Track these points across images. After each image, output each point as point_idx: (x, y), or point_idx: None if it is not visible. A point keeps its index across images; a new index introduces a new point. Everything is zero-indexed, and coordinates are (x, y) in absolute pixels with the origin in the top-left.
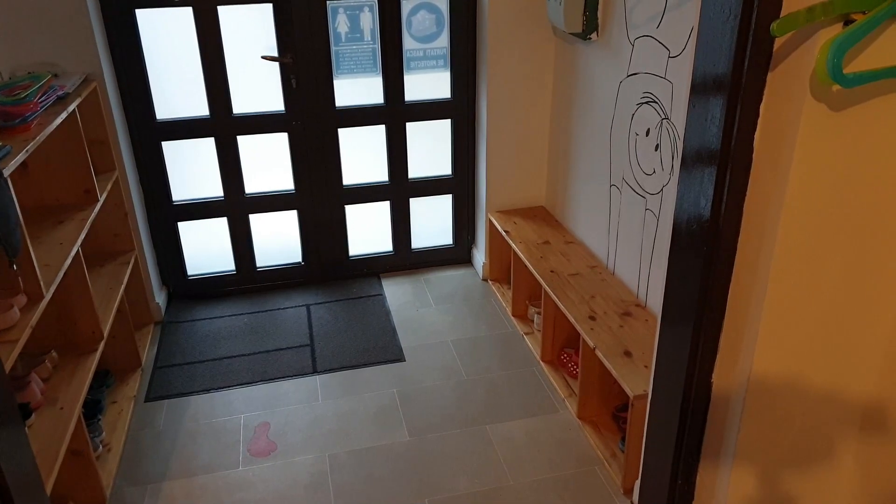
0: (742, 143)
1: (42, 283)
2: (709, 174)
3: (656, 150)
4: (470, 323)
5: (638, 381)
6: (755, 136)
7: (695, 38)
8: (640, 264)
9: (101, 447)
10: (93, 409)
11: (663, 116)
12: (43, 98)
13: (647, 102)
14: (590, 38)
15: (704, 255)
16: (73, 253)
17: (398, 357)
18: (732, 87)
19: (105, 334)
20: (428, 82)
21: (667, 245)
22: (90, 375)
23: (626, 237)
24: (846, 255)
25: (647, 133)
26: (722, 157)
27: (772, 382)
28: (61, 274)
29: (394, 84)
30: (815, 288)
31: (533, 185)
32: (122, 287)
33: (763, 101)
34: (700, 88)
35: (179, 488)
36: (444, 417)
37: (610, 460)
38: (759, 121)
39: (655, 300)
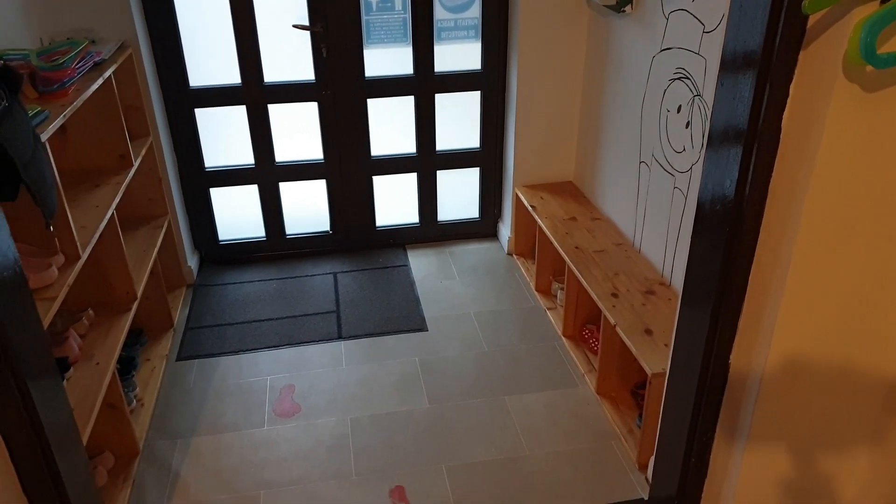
0: (770, 123)
1: (79, 244)
2: (735, 154)
3: (687, 127)
4: (493, 296)
5: (657, 360)
6: (784, 116)
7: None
8: (667, 243)
9: (134, 402)
10: (127, 366)
11: (695, 93)
12: (80, 64)
13: (679, 78)
14: (623, 11)
15: (727, 236)
16: (108, 215)
17: (421, 327)
18: (762, 65)
19: (139, 295)
20: (458, 53)
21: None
22: (124, 333)
23: (654, 215)
24: (870, 240)
25: (679, 110)
26: (749, 137)
27: (789, 365)
28: (97, 235)
29: (424, 55)
30: (838, 272)
31: (562, 159)
32: (156, 250)
33: (793, 80)
34: (730, 65)
35: (207, 444)
36: (464, 387)
37: (626, 436)
38: (789, 100)
39: (680, 279)
